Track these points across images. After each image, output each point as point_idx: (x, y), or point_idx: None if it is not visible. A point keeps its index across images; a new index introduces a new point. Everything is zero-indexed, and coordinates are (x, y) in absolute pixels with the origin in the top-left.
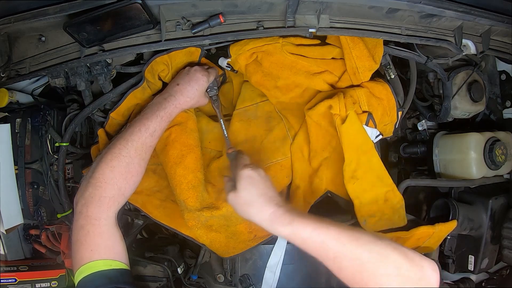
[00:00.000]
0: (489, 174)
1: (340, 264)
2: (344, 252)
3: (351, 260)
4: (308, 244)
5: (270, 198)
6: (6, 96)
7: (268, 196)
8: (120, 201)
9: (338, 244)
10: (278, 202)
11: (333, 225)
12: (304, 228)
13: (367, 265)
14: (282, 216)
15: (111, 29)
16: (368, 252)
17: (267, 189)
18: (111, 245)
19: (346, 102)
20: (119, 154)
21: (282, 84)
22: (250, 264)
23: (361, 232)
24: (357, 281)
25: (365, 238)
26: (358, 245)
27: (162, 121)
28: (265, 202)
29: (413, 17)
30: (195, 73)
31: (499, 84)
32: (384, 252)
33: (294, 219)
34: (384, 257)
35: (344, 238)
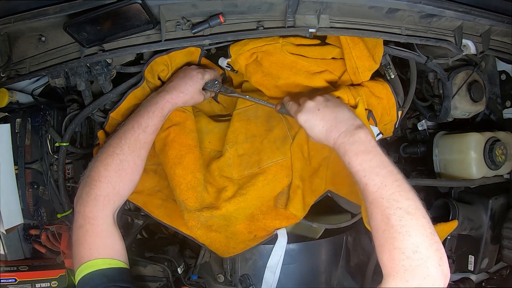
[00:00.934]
0: (489, 174)
1: (373, 211)
2: (379, 205)
3: (382, 215)
4: (356, 178)
5: (331, 128)
6: (6, 96)
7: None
8: (116, 199)
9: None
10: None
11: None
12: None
13: (392, 229)
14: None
15: (111, 29)
16: (399, 219)
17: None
18: (110, 244)
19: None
20: (113, 152)
21: (282, 84)
22: (250, 264)
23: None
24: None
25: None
26: (393, 207)
27: (154, 116)
28: (326, 132)
29: (413, 17)
30: (190, 70)
31: (499, 84)
32: (412, 229)
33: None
34: (408, 233)
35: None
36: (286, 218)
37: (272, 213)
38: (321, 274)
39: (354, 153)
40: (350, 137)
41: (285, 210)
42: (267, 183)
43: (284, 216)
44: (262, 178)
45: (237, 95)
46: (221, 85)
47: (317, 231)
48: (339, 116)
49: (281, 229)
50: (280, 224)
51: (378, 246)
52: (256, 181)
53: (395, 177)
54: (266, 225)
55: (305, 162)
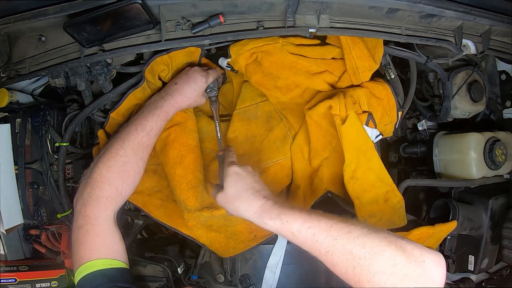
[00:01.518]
0: (489, 174)
1: (333, 259)
2: (335, 246)
3: (342, 255)
4: (298, 238)
5: (258, 191)
6: (6, 96)
7: (255, 190)
8: (117, 200)
9: (329, 237)
10: (266, 195)
11: (324, 217)
12: (294, 221)
13: (360, 261)
14: (270, 208)
15: (111, 29)
16: (361, 246)
17: (254, 183)
18: (110, 244)
19: (346, 102)
20: (116, 154)
21: (282, 84)
22: (250, 264)
23: (354, 224)
24: (351, 277)
25: (358, 231)
26: (350, 238)
27: (158, 120)
28: (253, 195)
29: (413, 17)
30: (194, 73)
31: (499, 84)
32: (378, 247)
33: (283, 212)
34: (378, 252)
35: (335, 231)
36: None
37: None
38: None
39: (290, 210)
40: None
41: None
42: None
43: None
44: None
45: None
46: (216, 93)
47: None
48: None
49: None
50: None
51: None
52: None
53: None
54: None
55: (305, 162)
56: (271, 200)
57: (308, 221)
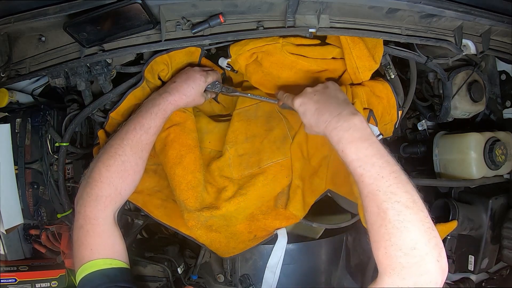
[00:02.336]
0: (489, 174)
1: (369, 204)
2: (375, 198)
3: (378, 208)
4: (350, 168)
5: (322, 111)
6: (6, 96)
7: (319, 110)
8: (117, 200)
9: (374, 186)
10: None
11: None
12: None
13: (389, 224)
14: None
15: (111, 29)
16: (397, 213)
17: (318, 103)
18: (110, 244)
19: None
20: (115, 153)
21: (282, 84)
22: (250, 264)
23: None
24: (373, 233)
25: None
26: (391, 200)
27: (156, 118)
28: (318, 117)
29: (413, 17)
30: (193, 72)
31: (499, 84)
32: (410, 224)
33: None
34: (407, 228)
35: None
36: (286, 218)
37: (272, 213)
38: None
39: (348, 141)
40: (344, 122)
41: (285, 210)
42: (267, 183)
43: (284, 216)
44: (262, 178)
45: (238, 94)
46: (222, 85)
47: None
48: (333, 101)
49: (281, 229)
50: (280, 224)
51: (373, 242)
52: (256, 181)
53: (392, 168)
54: (266, 225)
55: (305, 162)
56: (333, 122)
57: (362, 160)
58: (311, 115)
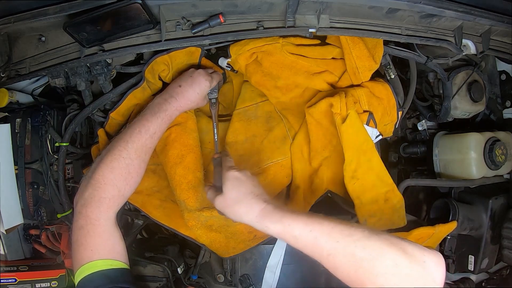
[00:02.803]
0: (489, 174)
1: (335, 262)
2: (337, 249)
3: (345, 257)
4: (300, 241)
5: (258, 195)
6: (6, 96)
7: (255, 194)
8: (119, 202)
9: (331, 240)
10: (266, 199)
11: (326, 220)
12: (295, 224)
13: (362, 262)
14: (272, 212)
15: (111, 29)
16: (362, 248)
17: (254, 188)
18: (111, 245)
19: (347, 101)
20: (119, 156)
21: (282, 84)
22: (250, 264)
23: (355, 227)
24: (353, 280)
25: (359, 234)
26: (352, 241)
27: (162, 123)
28: (254, 199)
29: (413, 17)
30: (198, 76)
31: (499, 84)
32: (380, 249)
33: (285, 215)
34: (380, 254)
35: (337, 234)
36: None
37: None
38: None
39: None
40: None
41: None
42: (267, 183)
43: None
44: (262, 178)
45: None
46: (217, 95)
47: None
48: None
49: None
50: None
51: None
52: None
53: (334, 220)
54: None
55: (305, 162)
56: (271, 204)
57: (310, 224)
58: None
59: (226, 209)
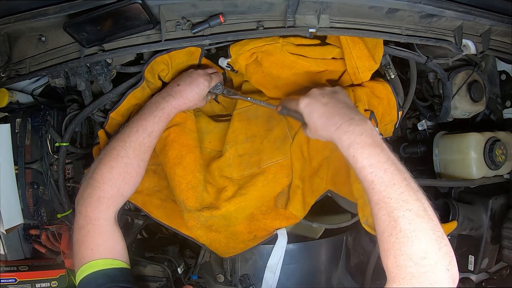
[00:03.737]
0: (489, 174)
1: (379, 212)
2: (386, 205)
3: (389, 216)
4: (360, 175)
5: (331, 115)
6: (6, 96)
7: (328, 114)
8: (119, 201)
9: (385, 194)
10: (341, 118)
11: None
12: (359, 159)
13: (400, 233)
14: (342, 136)
15: (111, 29)
16: (408, 222)
17: (326, 106)
18: (111, 244)
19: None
20: (117, 155)
21: (282, 84)
22: (250, 264)
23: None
24: (383, 240)
25: (414, 206)
26: (403, 208)
27: (160, 122)
28: (327, 121)
29: (413, 17)
30: (197, 76)
31: (499, 84)
32: (421, 233)
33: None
34: (418, 237)
35: (394, 192)
36: (286, 218)
37: (272, 213)
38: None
39: (360, 145)
40: (356, 127)
41: (285, 210)
42: (267, 183)
43: (284, 216)
44: (262, 178)
45: (239, 97)
46: (223, 87)
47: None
48: (343, 105)
49: (281, 229)
50: (280, 224)
51: (383, 250)
52: (256, 181)
53: (403, 175)
54: (266, 225)
55: (305, 162)
56: (344, 126)
57: (374, 166)
58: (318, 116)
59: (315, 137)
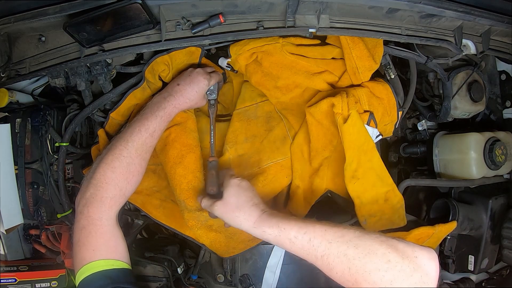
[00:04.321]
0: (489, 174)
1: (328, 263)
2: (330, 250)
3: (338, 257)
4: (295, 244)
5: (257, 204)
6: (6, 96)
7: (254, 202)
8: (121, 201)
9: (324, 241)
10: (264, 208)
11: (319, 223)
12: (290, 227)
13: (354, 261)
14: (268, 218)
15: (111, 29)
16: (354, 247)
17: (253, 197)
18: (113, 245)
19: (348, 101)
20: (120, 155)
21: (282, 84)
22: (250, 264)
23: (347, 228)
24: (348, 279)
25: (351, 234)
26: (344, 241)
27: (161, 121)
28: (253, 207)
29: (413, 17)
30: (197, 75)
31: (499, 84)
32: (371, 247)
33: (281, 220)
34: (371, 251)
35: (329, 235)
36: None
37: None
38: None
39: (286, 219)
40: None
41: (285, 210)
42: (267, 183)
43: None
44: (262, 178)
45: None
46: (216, 96)
47: None
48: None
49: None
50: None
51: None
52: (256, 181)
53: (326, 222)
54: None
55: (305, 162)
56: (268, 212)
57: (304, 227)
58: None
59: (225, 215)
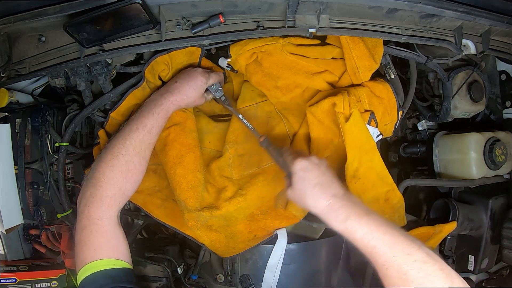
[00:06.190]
0: (489, 174)
1: (387, 273)
2: (393, 263)
3: (398, 273)
4: (360, 244)
5: (325, 188)
6: (6, 96)
7: (323, 186)
8: (121, 200)
9: (390, 253)
10: (335, 192)
11: (389, 231)
12: (359, 228)
13: (412, 284)
14: (337, 210)
15: (111, 29)
16: (417, 270)
17: (322, 177)
18: (114, 244)
19: (350, 100)
20: (118, 153)
21: (282, 84)
22: (250, 264)
23: (416, 247)
24: None
25: (418, 255)
26: (409, 261)
27: (158, 118)
28: (320, 193)
29: (413, 17)
30: (195, 73)
31: (499, 84)
32: (432, 276)
33: (350, 216)
34: (431, 281)
35: (397, 250)
36: (286, 218)
37: (272, 213)
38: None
39: (357, 216)
40: (348, 201)
41: (285, 210)
42: (267, 183)
43: (284, 216)
44: (262, 178)
45: (231, 110)
46: (223, 92)
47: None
48: (335, 180)
49: (281, 229)
50: (280, 224)
51: None
52: (256, 181)
53: (400, 231)
54: (266, 225)
55: None
56: (339, 200)
57: (372, 232)
58: (310, 186)
59: (297, 201)
